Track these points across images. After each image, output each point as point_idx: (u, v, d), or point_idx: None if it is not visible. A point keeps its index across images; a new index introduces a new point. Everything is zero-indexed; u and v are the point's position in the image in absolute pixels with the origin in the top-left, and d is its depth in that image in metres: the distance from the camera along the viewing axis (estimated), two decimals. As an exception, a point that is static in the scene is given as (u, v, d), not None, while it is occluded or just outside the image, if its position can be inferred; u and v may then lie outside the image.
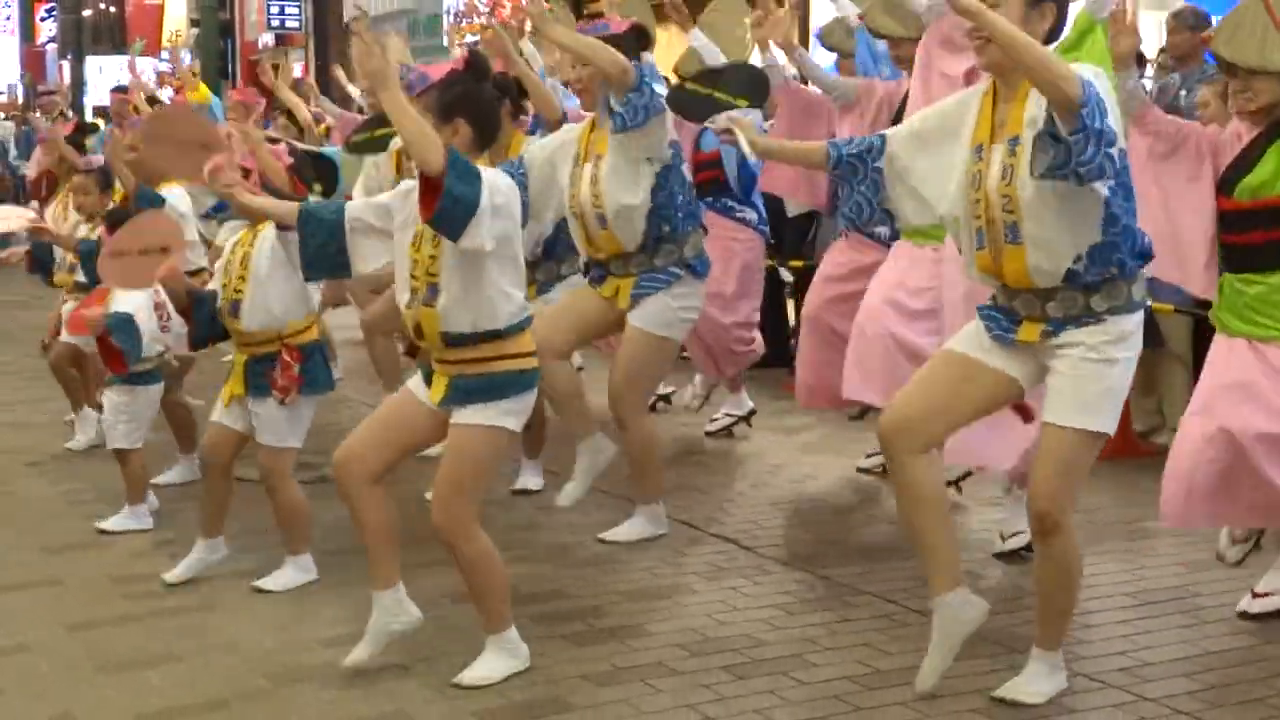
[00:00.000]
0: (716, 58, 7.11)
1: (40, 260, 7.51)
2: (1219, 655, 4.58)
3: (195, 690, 4.35)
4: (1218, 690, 4.30)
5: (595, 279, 5.80)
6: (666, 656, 4.54)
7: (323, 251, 4.48)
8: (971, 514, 6.02)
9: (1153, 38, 10.89)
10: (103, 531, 5.89)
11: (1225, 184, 4.73)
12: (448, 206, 3.98)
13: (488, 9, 22.08)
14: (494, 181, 4.14)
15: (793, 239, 8.96)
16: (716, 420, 7.72)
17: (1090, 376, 4.00)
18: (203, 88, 10.08)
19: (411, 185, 4.38)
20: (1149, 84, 8.71)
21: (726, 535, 5.88)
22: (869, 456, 6.90)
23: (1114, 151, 3.77)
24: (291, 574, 5.25)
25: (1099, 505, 6.17)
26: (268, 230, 5.08)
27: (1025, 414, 4.75)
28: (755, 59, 6.96)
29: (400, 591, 4.45)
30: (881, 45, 6.53)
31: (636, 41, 5.70)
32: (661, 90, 5.55)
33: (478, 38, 8.30)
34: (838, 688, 4.30)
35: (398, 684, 4.33)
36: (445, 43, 21.35)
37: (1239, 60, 4.66)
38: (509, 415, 4.29)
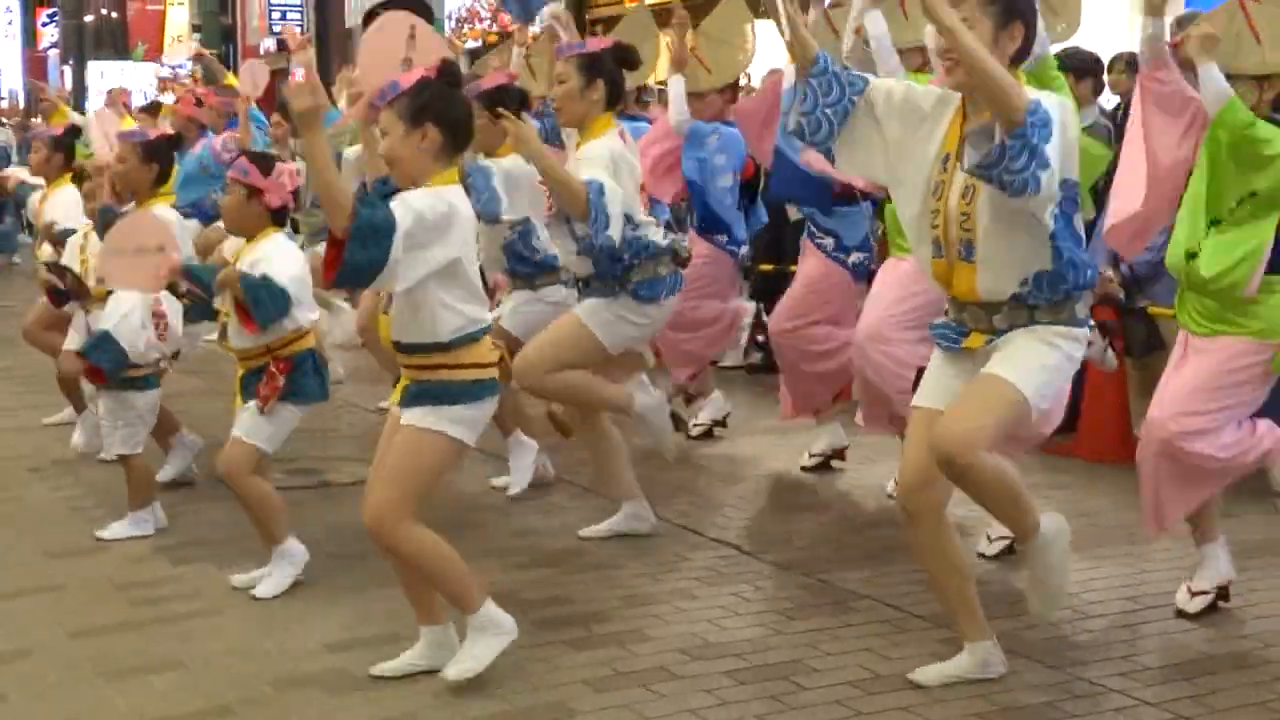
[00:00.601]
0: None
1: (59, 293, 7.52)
2: (1218, 660, 4.59)
3: (198, 695, 4.36)
4: (1217, 695, 4.31)
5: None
6: (668, 661, 4.55)
7: (370, 265, 4.14)
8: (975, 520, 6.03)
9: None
10: (110, 539, 5.88)
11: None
12: (347, 273, 4.01)
13: (490, 15, 22.16)
14: (422, 214, 4.06)
15: (795, 243, 8.97)
16: (699, 424, 7.78)
17: (1027, 348, 4.12)
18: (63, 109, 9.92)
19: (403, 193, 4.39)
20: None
21: (727, 540, 5.89)
22: (811, 456, 7.05)
23: (1047, 178, 3.82)
24: (281, 570, 5.24)
25: (1098, 509, 6.18)
26: (258, 246, 5.18)
27: None
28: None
29: (450, 630, 4.44)
30: None
31: (618, 61, 5.71)
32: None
33: (480, 43, 8.31)
34: (839, 692, 4.31)
35: (400, 689, 4.34)
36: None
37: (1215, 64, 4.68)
38: (456, 423, 4.28)
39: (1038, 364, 4.11)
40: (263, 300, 5.12)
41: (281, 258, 5.25)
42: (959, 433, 4.03)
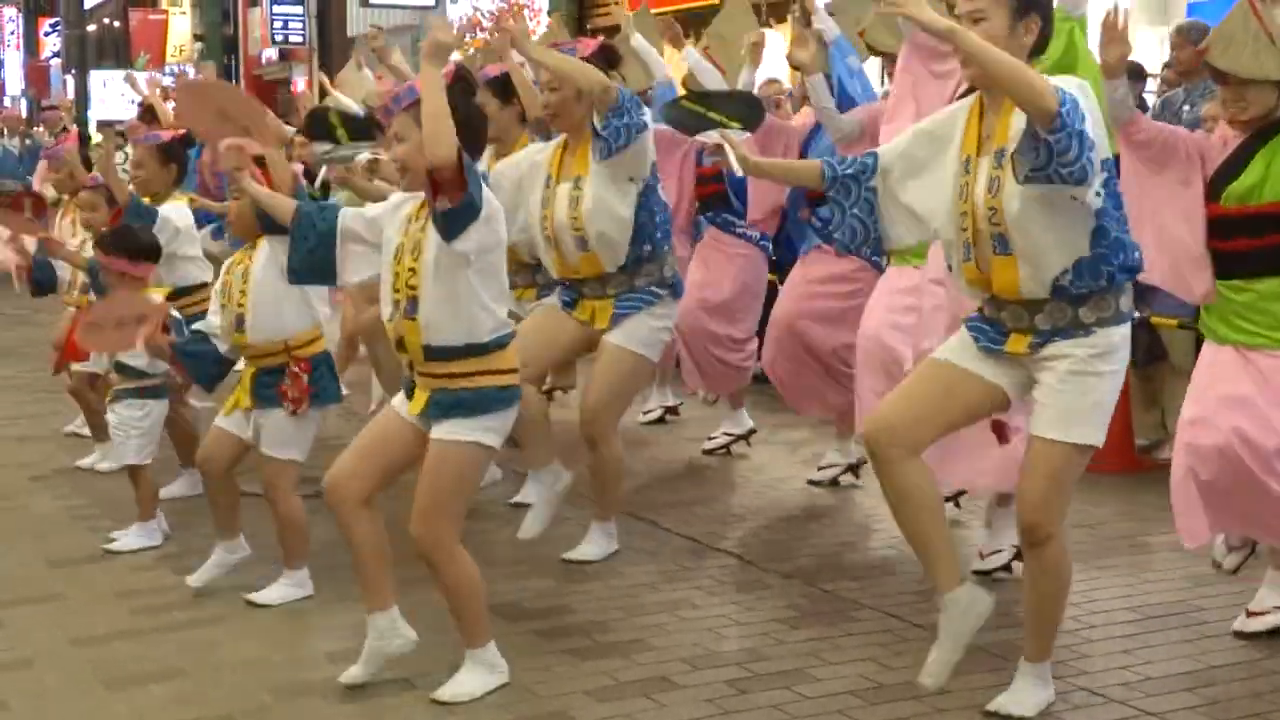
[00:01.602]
0: (710, 79, 7.15)
1: (40, 282, 7.52)
2: (1221, 670, 4.58)
3: (199, 704, 4.36)
4: (1220, 705, 4.31)
5: (567, 302, 5.77)
6: (669, 671, 4.55)
7: (312, 257, 4.48)
8: (975, 530, 6.02)
9: (1154, 52, 10.93)
10: (116, 552, 5.87)
11: (1212, 190, 4.72)
12: (465, 205, 4.03)
13: (492, 23, 22.16)
14: (488, 193, 4.18)
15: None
16: (714, 439, 7.70)
17: (1078, 390, 4.01)
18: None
19: (401, 199, 4.39)
20: (1152, 99, 8.77)
21: (728, 549, 5.89)
22: (821, 470, 6.99)
23: (1095, 157, 3.76)
24: (285, 589, 5.26)
25: (1101, 519, 6.18)
26: (256, 259, 5.19)
27: (1001, 434, 4.80)
28: (745, 72, 6.98)
29: (394, 613, 4.45)
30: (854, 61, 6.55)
31: (605, 63, 5.72)
32: (643, 110, 5.51)
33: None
34: (840, 702, 4.31)
35: (400, 699, 4.34)
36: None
37: (1234, 70, 4.65)
38: (488, 432, 4.28)
39: (1091, 405, 4.03)
40: (198, 361, 5.21)
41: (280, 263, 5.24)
42: (1040, 505, 4.01)
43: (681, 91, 7.21)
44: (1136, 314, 4.21)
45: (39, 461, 7.53)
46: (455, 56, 6.68)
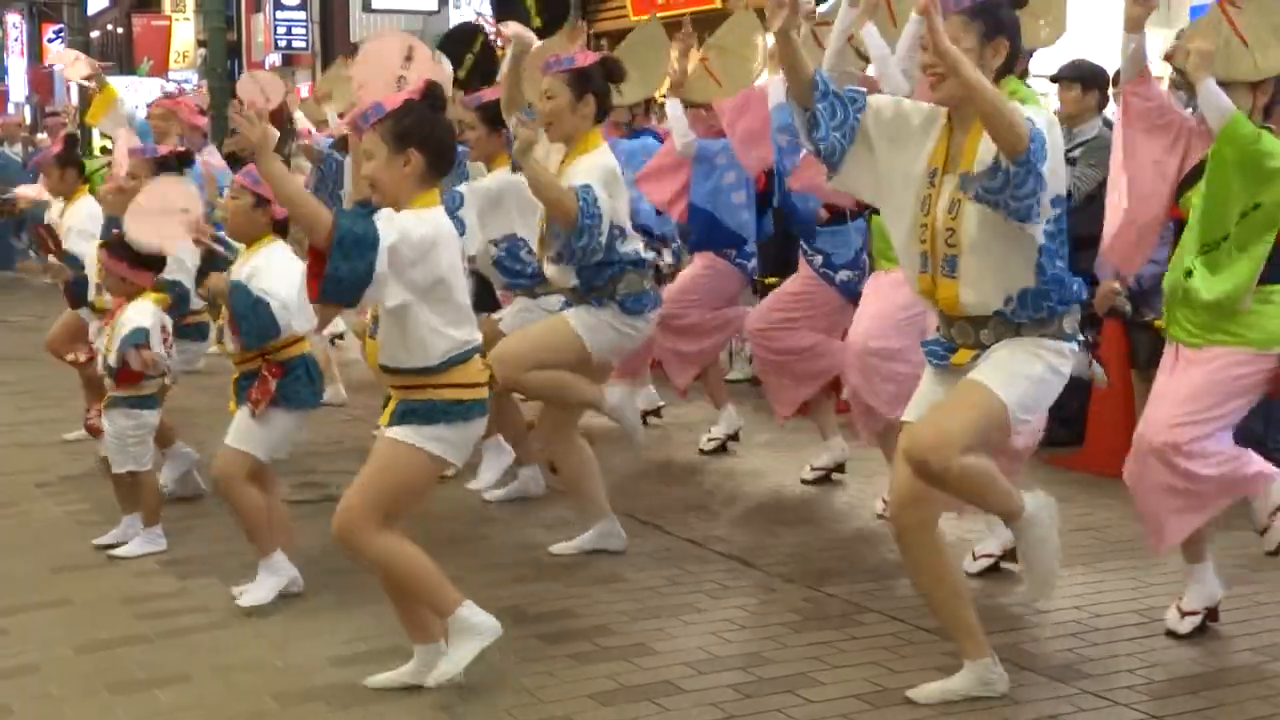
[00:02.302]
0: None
1: (77, 292, 7.55)
2: (1226, 673, 4.58)
3: (204, 710, 4.37)
4: (1226, 708, 4.30)
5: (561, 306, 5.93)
6: (673, 675, 4.55)
7: (354, 278, 4.12)
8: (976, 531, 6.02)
9: (1157, 54, 10.89)
10: (120, 557, 5.87)
11: (1177, 192, 4.77)
12: (330, 288, 4.02)
13: (494, 30, 22.16)
14: (408, 232, 4.08)
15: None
16: (714, 439, 7.77)
17: (1010, 357, 4.12)
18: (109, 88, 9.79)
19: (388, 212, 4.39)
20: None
21: (732, 554, 5.89)
22: (813, 469, 7.06)
23: (1045, 198, 3.88)
24: (266, 583, 5.25)
25: (1105, 522, 6.17)
26: (259, 251, 5.21)
27: None
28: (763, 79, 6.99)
29: (442, 648, 4.42)
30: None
31: (605, 75, 5.72)
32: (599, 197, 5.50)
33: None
34: (845, 706, 4.30)
35: (404, 703, 4.34)
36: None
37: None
38: (438, 441, 4.29)
39: (1020, 373, 4.11)
40: (249, 320, 5.18)
41: (279, 267, 5.27)
42: (932, 436, 4.05)
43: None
44: (1081, 338, 4.29)
45: (44, 468, 7.54)
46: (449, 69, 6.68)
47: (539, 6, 6.91)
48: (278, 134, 4.20)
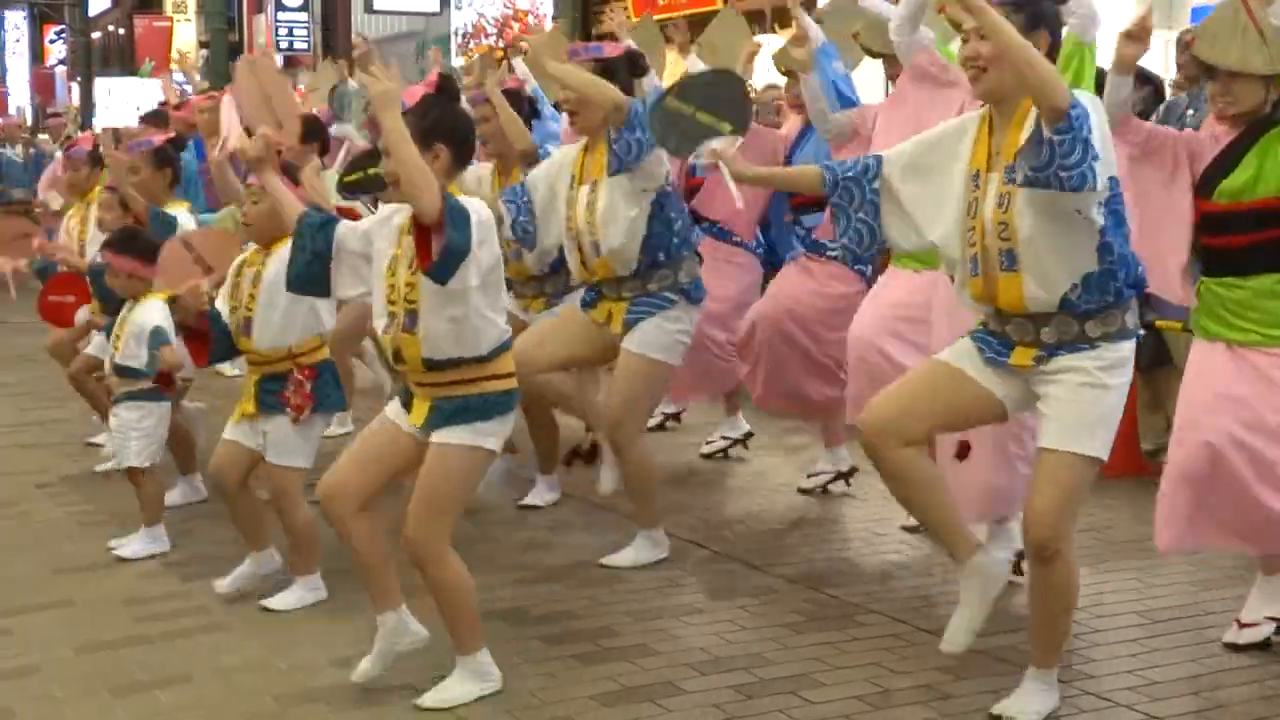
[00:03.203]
0: None
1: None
2: (1228, 674, 4.58)
3: (205, 711, 4.37)
4: (1227, 709, 4.30)
5: (587, 302, 5.78)
6: (675, 676, 4.55)
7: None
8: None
9: (1160, 55, 10.91)
10: (123, 559, 5.87)
11: (1204, 186, 4.69)
12: (447, 259, 3.99)
13: (495, 30, 22.20)
14: (478, 214, 4.12)
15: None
16: (712, 442, 7.70)
17: (1085, 401, 4.01)
18: None
19: (392, 209, 4.38)
20: (1159, 108, 8.75)
21: (734, 555, 5.88)
22: (810, 476, 6.94)
23: (1100, 169, 3.78)
24: (299, 594, 5.26)
25: (1108, 523, 6.17)
26: (281, 250, 5.16)
27: (962, 452, 4.83)
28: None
29: (403, 611, 4.45)
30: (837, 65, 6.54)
31: (630, 68, 5.70)
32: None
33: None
34: (846, 707, 4.30)
35: (407, 705, 4.34)
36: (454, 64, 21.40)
37: (1220, 62, 4.61)
38: (489, 436, 4.29)
39: (1096, 417, 4.03)
40: (221, 335, 5.17)
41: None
42: (1049, 520, 3.99)
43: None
44: (1142, 331, 4.21)
45: (45, 469, 7.54)
46: (460, 63, 6.68)
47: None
48: (399, 94, 4.12)
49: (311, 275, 4.45)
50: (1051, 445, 4.03)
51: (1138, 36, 4.56)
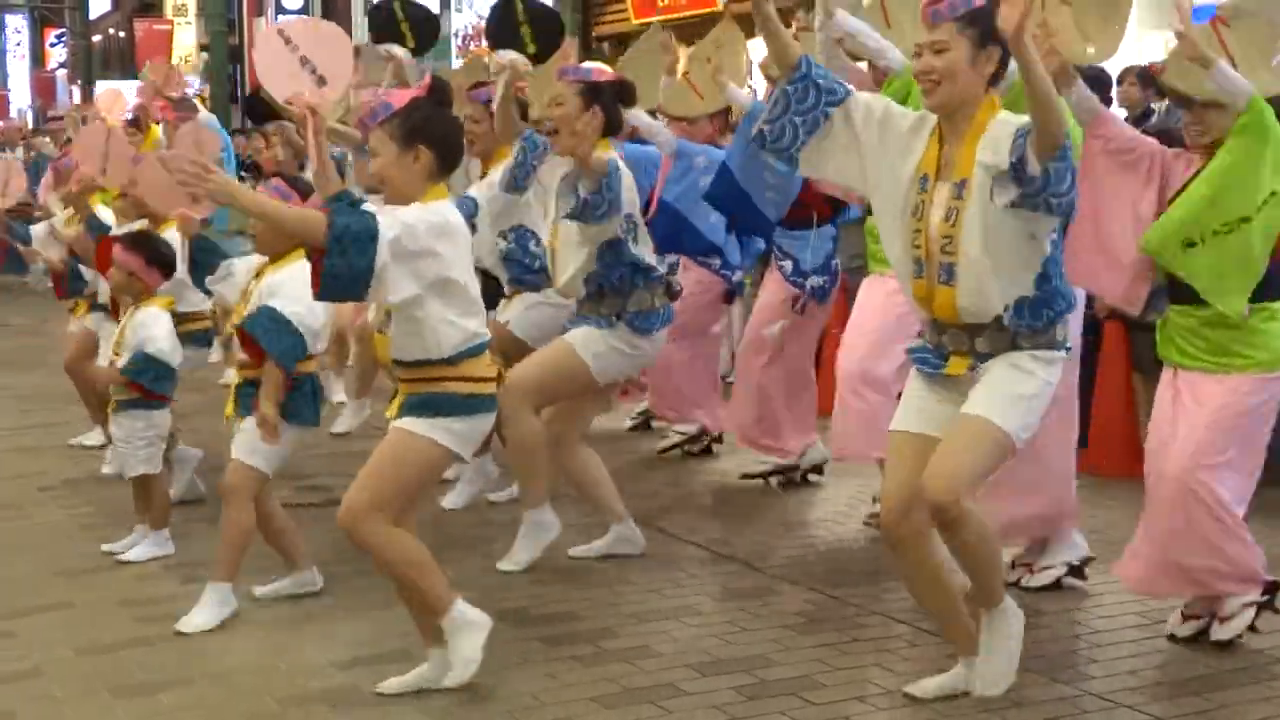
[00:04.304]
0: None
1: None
2: (1228, 675, 4.57)
3: (205, 712, 4.37)
4: (1230, 709, 4.30)
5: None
6: (676, 678, 4.54)
7: (353, 273, 4.15)
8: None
9: (1158, 55, 10.86)
10: (125, 561, 5.87)
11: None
12: (328, 284, 4.03)
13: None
14: (412, 225, 4.09)
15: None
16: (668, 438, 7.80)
17: (1008, 380, 4.12)
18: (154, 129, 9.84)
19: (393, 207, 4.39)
20: (1160, 105, 8.76)
21: (736, 556, 5.88)
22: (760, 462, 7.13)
23: (1075, 195, 3.91)
24: (209, 608, 5.08)
25: (1110, 523, 6.17)
26: (280, 273, 5.17)
27: None
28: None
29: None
30: None
31: (617, 96, 5.70)
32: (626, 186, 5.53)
33: (487, 59, 8.31)
34: (848, 708, 4.30)
35: (408, 706, 4.34)
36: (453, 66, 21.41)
37: (1192, 92, 4.58)
38: (446, 432, 4.30)
39: (1015, 394, 4.11)
40: (277, 342, 5.09)
41: (303, 283, 5.19)
42: (946, 481, 4.03)
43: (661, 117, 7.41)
44: (1069, 346, 4.28)
45: (47, 472, 7.54)
46: (459, 63, 6.69)
47: (532, 34, 6.92)
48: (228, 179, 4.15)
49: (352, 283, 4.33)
50: (967, 410, 4.11)
51: (1051, 54, 4.53)
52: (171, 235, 6.73)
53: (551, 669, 4.61)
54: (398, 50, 7.30)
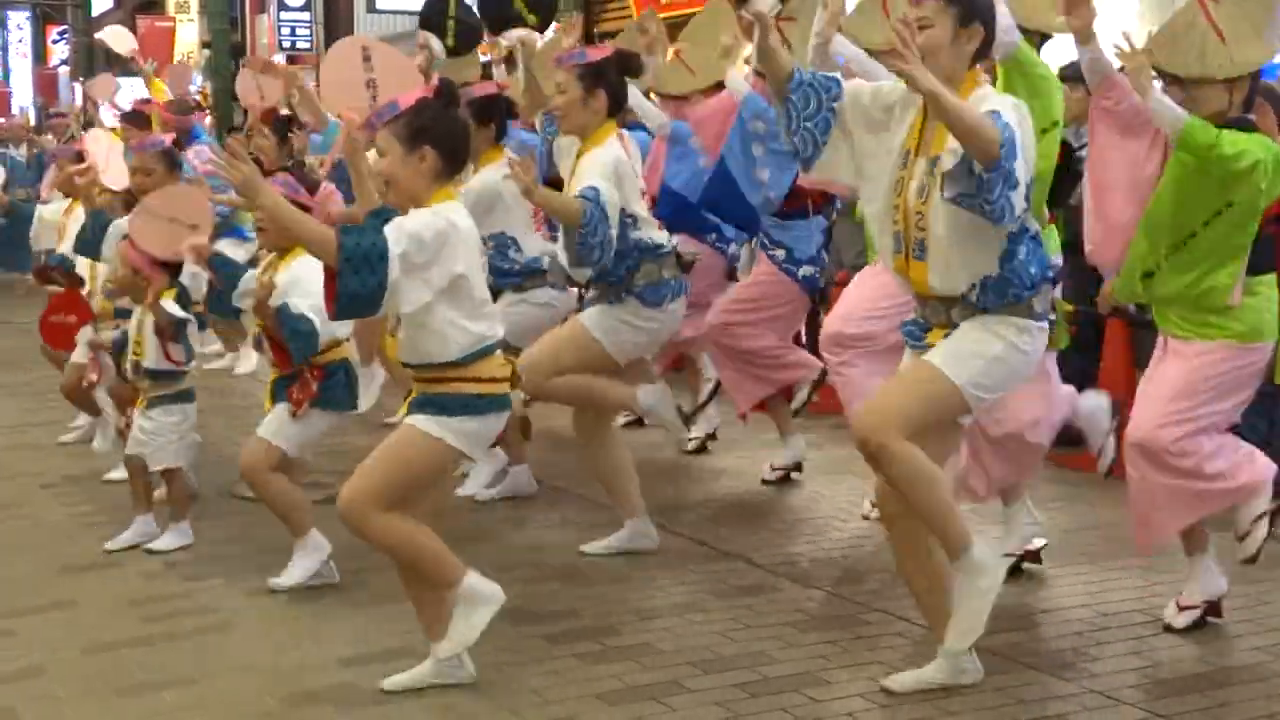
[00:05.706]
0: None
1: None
2: (1233, 671, 4.57)
3: (210, 711, 4.37)
4: (1232, 706, 4.30)
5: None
6: (679, 675, 4.54)
7: (368, 291, 4.11)
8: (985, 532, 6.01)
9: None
10: (152, 550, 5.92)
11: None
12: (345, 305, 4.05)
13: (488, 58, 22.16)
14: (418, 234, 4.09)
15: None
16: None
17: (968, 337, 4.19)
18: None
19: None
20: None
21: (738, 553, 5.88)
22: (773, 469, 7.11)
23: (1015, 196, 3.91)
24: (302, 562, 5.36)
25: (1114, 520, 6.15)
26: (294, 268, 5.22)
27: None
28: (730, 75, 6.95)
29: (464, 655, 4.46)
30: None
31: (618, 69, 5.70)
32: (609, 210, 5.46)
33: (487, 57, 8.30)
34: (850, 705, 4.30)
35: (410, 704, 4.34)
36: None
37: (1181, 71, 4.64)
38: (452, 432, 4.30)
39: (973, 351, 4.17)
40: (296, 341, 5.26)
41: (315, 278, 5.23)
42: (875, 415, 4.10)
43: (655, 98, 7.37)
44: (1052, 316, 4.34)
45: (49, 469, 7.54)
46: (483, 59, 6.71)
47: (529, 4, 6.93)
48: (257, 172, 4.15)
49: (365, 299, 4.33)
50: (925, 357, 4.19)
51: (1073, 7, 4.60)
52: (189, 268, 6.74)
53: (554, 666, 4.61)
54: (434, 43, 7.28)
